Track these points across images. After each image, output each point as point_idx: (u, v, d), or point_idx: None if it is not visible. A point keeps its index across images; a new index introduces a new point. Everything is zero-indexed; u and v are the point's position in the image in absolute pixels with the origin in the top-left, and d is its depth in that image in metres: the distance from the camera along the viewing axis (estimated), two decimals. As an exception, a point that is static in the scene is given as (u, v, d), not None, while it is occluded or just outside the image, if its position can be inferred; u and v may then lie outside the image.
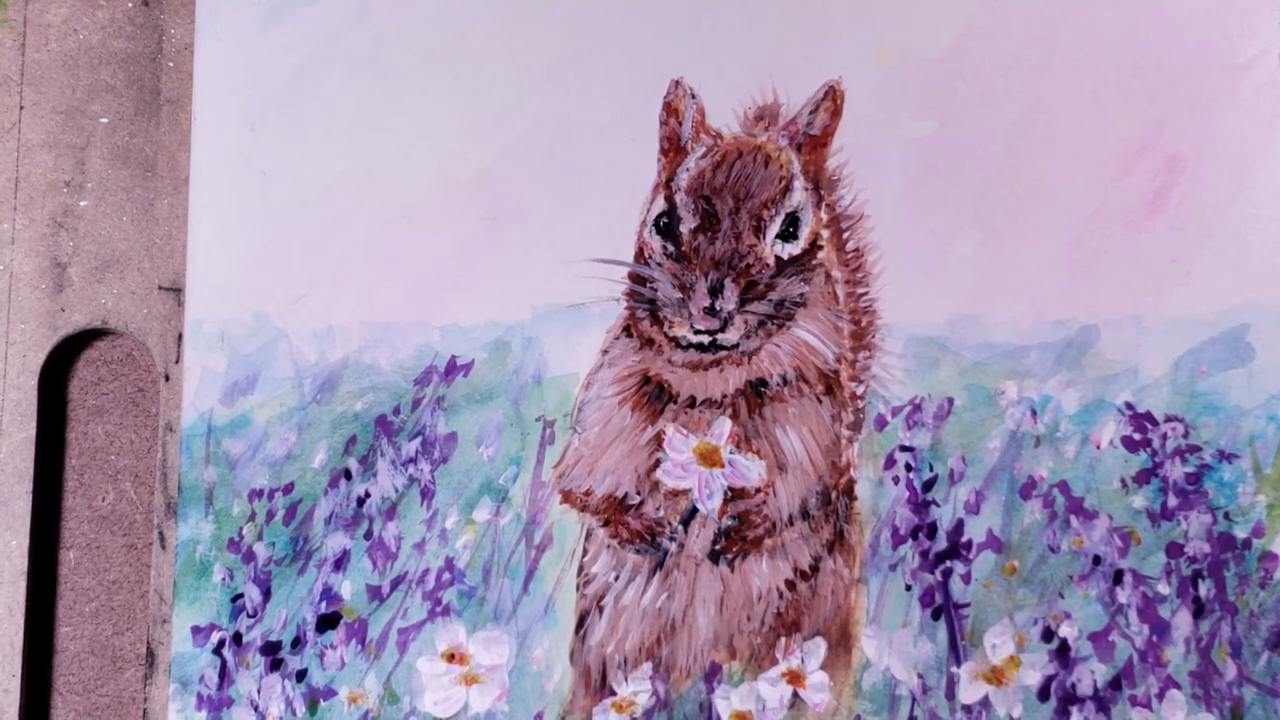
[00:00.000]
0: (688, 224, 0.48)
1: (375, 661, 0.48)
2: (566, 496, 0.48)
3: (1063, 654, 0.45)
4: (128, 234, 0.51)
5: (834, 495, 0.47)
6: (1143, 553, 0.46)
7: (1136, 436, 0.46)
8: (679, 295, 0.47)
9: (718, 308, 0.47)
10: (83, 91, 0.51)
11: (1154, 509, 0.46)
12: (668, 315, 0.48)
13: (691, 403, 0.48)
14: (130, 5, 0.52)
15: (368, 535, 0.48)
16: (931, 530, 0.47)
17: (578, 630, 0.48)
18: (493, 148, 0.50)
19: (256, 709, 0.48)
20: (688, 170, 0.48)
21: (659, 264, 0.48)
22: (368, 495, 0.49)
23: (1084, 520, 0.46)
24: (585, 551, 0.48)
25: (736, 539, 0.47)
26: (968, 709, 0.46)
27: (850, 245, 0.48)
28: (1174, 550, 0.46)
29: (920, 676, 0.46)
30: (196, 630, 0.48)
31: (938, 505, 0.47)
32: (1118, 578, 0.46)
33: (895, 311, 0.48)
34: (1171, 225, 0.47)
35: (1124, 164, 0.48)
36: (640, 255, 0.48)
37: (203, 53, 0.51)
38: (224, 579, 0.48)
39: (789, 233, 0.48)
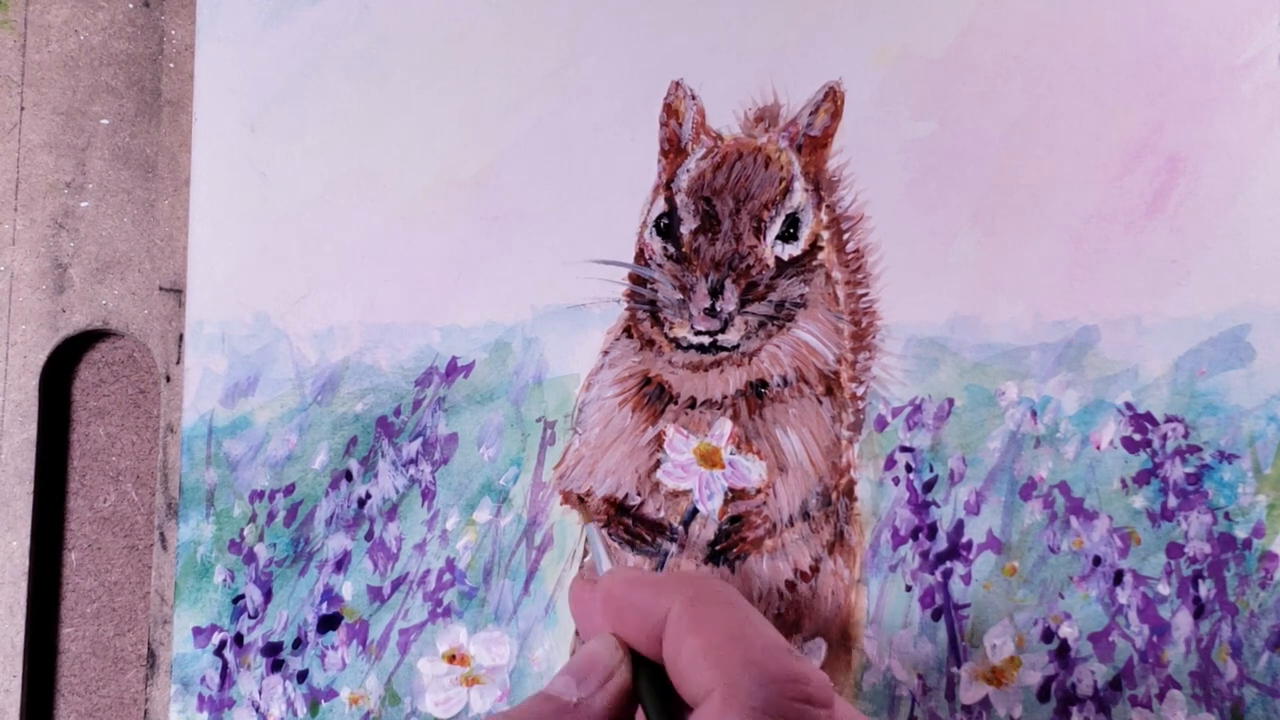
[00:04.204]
0: (688, 225, 0.48)
1: (376, 662, 0.48)
2: (567, 497, 0.48)
3: (1063, 654, 0.45)
4: (128, 235, 0.51)
5: (834, 496, 0.47)
6: (1143, 553, 0.46)
7: (1136, 437, 0.46)
8: (679, 296, 0.47)
9: (718, 309, 0.47)
10: (83, 92, 0.51)
11: (1154, 509, 0.46)
12: (668, 316, 0.48)
13: (692, 403, 0.48)
14: (131, 6, 0.52)
15: (369, 536, 0.48)
16: (932, 531, 0.47)
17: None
18: (493, 148, 0.50)
19: (258, 710, 0.48)
20: (688, 171, 0.48)
21: (659, 265, 0.48)
22: (368, 496, 0.49)
23: (1084, 521, 0.46)
24: (585, 552, 0.48)
25: (737, 539, 0.48)
26: (968, 709, 0.46)
27: (850, 246, 0.48)
28: (1174, 550, 0.46)
29: (920, 677, 0.46)
30: (198, 631, 0.48)
31: (938, 506, 0.47)
32: (1118, 578, 0.46)
33: (895, 312, 0.48)
34: (1171, 225, 0.47)
35: (1124, 164, 0.48)
36: (640, 256, 0.49)
37: (203, 54, 0.51)
38: (225, 580, 0.48)
39: (789, 234, 0.48)
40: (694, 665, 0.30)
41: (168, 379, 0.50)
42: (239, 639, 0.48)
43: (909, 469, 0.47)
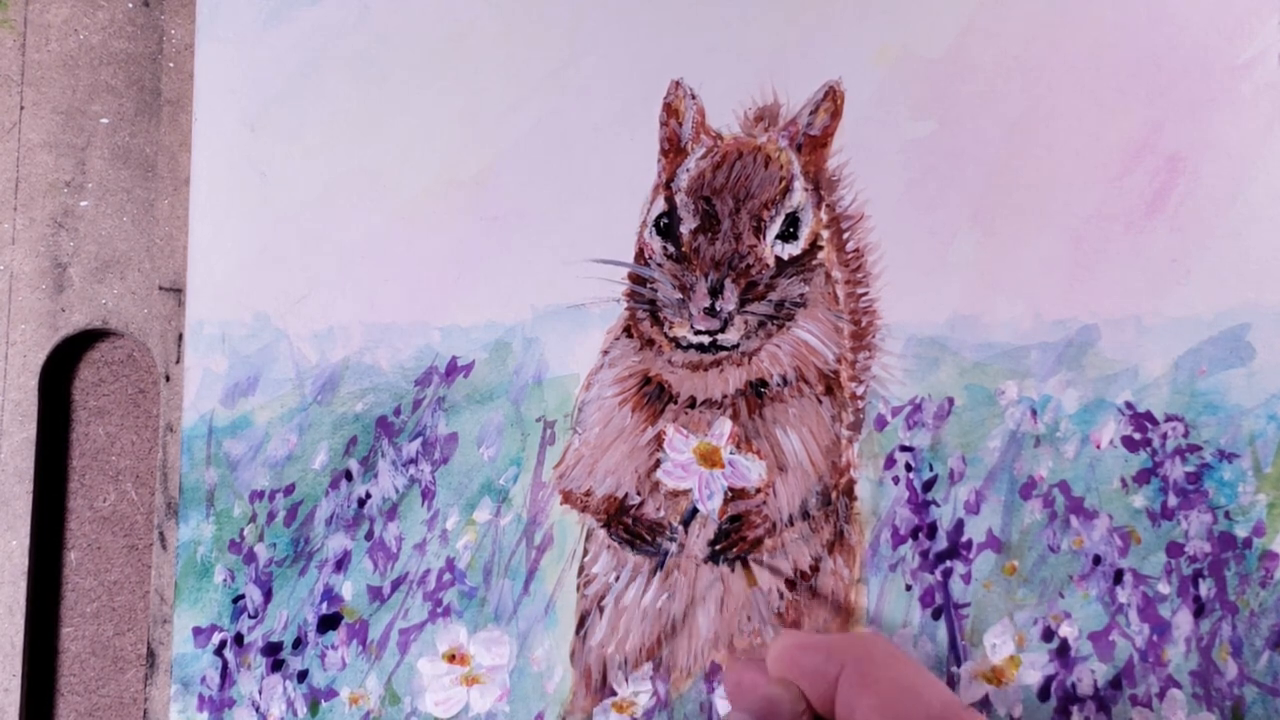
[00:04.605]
0: (688, 225, 0.48)
1: (376, 662, 0.48)
2: (567, 497, 0.48)
3: (1063, 654, 0.45)
4: (128, 234, 0.51)
5: (834, 495, 0.47)
6: (1143, 552, 0.46)
7: (1136, 436, 0.46)
8: (679, 296, 0.47)
9: (718, 308, 0.47)
10: (83, 92, 0.51)
11: (1154, 508, 0.46)
12: (668, 316, 0.48)
13: (692, 403, 0.48)
14: (130, 5, 0.52)
15: (368, 536, 0.48)
16: (931, 530, 0.47)
17: (578, 631, 0.48)
18: (493, 148, 0.50)
19: (258, 709, 0.48)
20: (688, 171, 0.48)
21: (659, 265, 0.48)
22: (368, 496, 0.49)
23: (1084, 520, 0.46)
24: (585, 552, 0.48)
25: (736, 539, 0.48)
26: (968, 709, 0.46)
27: (850, 245, 0.48)
28: (1174, 550, 0.46)
29: (920, 676, 0.46)
30: (198, 631, 0.48)
31: (938, 505, 0.47)
32: (1118, 577, 0.46)
33: (895, 312, 0.48)
34: (1171, 225, 0.47)
35: (1124, 164, 0.48)
36: (640, 256, 0.49)
37: (203, 53, 0.51)
38: (225, 580, 0.48)
39: (789, 233, 0.48)
40: None
41: (167, 379, 0.50)
42: (239, 639, 0.48)
43: (909, 468, 0.47)
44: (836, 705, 0.33)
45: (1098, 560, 0.46)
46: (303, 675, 0.48)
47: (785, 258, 0.48)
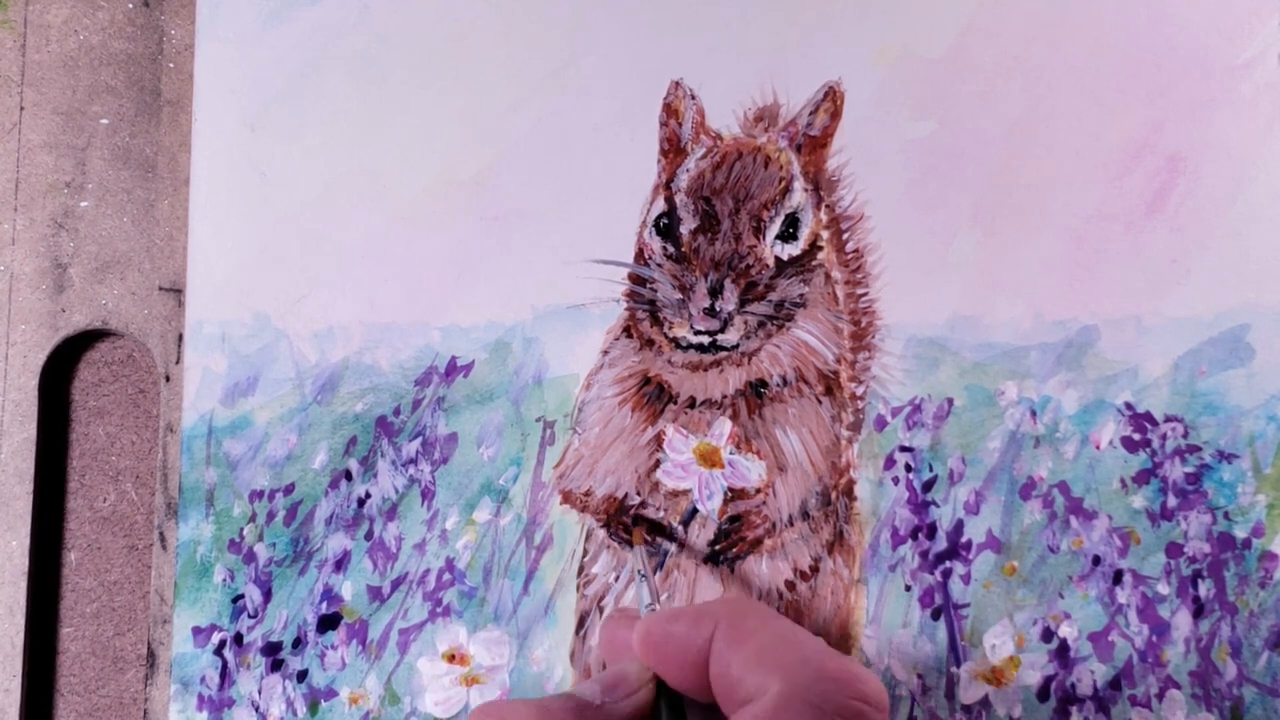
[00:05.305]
0: (687, 225, 0.48)
1: (376, 662, 0.48)
2: (567, 497, 0.48)
3: (1062, 654, 0.45)
4: (128, 235, 0.51)
5: (834, 496, 0.47)
6: (1142, 553, 0.46)
7: (1136, 437, 0.46)
8: (679, 296, 0.47)
9: (718, 308, 0.47)
10: (83, 92, 0.51)
11: (1154, 509, 0.46)
12: (668, 316, 0.48)
13: (691, 403, 0.48)
14: (130, 6, 0.52)
15: (368, 536, 0.48)
16: (931, 531, 0.47)
17: (578, 630, 0.48)
18: (493, 148, 0.50)
19: (257, 709, 0.48)
20: (687, 171, 0.48)
21: (659, 265, 0.48)
22: (368, 496, 0.49)
23: (1084, 520, 0.46)
24: (585, 552, 0.48)
25: (736, 539, 0.48)
26: (967, 709, 0.46)
27: (850, 246, 0.48)
28: (1174, 550, 0.46)
29: (920, 677, 0.46)
30: (197, 631, 0.48)
31: (937, 506, 0.47)
32: (1117, 578, 0.46)
33: (895, 312, 0.48)
34: (1171, 225, 0.47)
35: (1124, 164, 0.48)
36: (640, 256, 0.49)
37: (203, 53, 0.51)
38: (225, 580, 0.48)
39: (789, 233, 0.48)
40: (748, 669, 0.31)
41: (167, 379, 0.50)
42: (239, 638, 0.48)
43: (908, 469, 0.47)
44: (711, 666, 0.32)
45: (1097, 561, 0.46)
46: (302, 675, 0.48)
47: (785, 258, 0.48)
